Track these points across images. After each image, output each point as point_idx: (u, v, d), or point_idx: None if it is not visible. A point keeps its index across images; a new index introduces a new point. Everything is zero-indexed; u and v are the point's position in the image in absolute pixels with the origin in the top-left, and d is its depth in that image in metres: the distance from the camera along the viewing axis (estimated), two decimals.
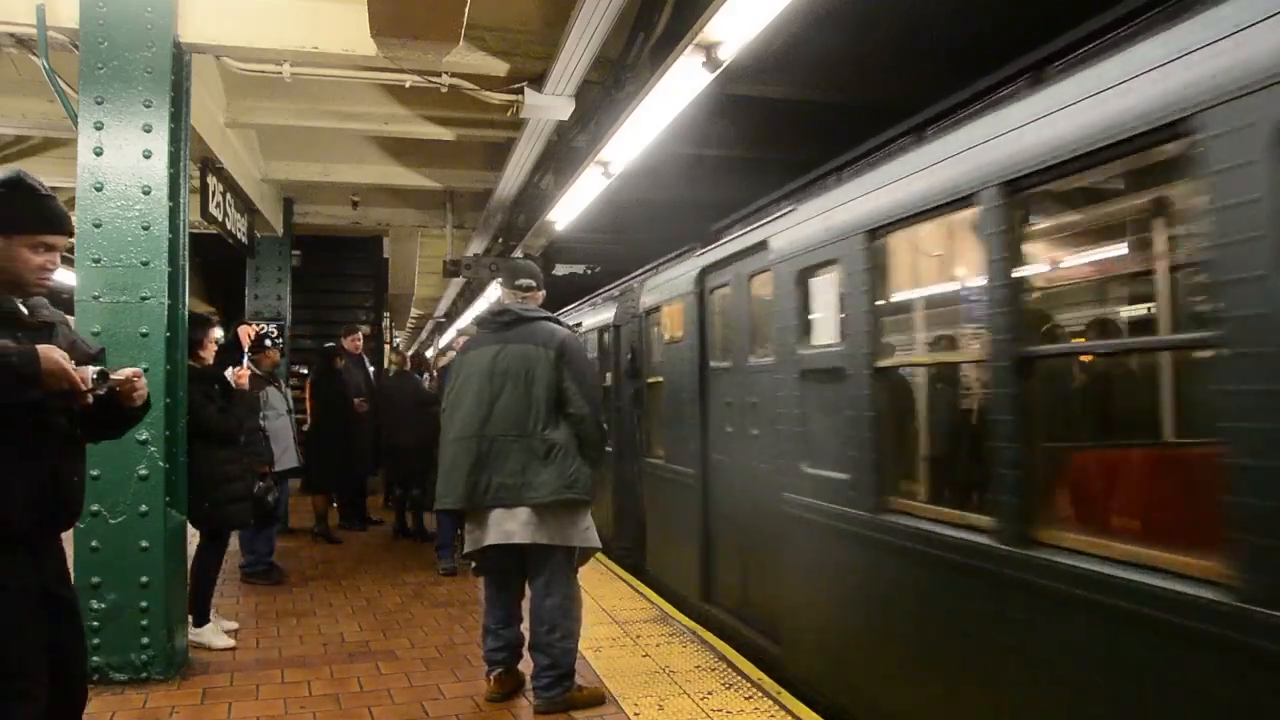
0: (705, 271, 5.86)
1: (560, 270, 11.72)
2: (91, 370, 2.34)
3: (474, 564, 4.30)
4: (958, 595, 3.11)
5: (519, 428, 3.94)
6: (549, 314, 4.29)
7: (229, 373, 5.17)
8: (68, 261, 3.71)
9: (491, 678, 4.18)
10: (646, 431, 7.04)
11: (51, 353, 2.25)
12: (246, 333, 6.47)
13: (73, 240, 3.00)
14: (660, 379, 6.64)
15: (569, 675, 4.02)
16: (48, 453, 2.41)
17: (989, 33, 6.06)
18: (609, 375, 8.02)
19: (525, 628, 4.20)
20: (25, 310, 2.44)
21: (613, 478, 7.55)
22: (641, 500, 7.11)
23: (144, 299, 4.35)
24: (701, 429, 5.70)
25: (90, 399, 2.37)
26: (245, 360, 5.64)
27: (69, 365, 2.26)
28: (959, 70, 6.40)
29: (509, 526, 3.93)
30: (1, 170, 2.53)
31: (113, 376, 2.42)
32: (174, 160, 4.49)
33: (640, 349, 7.18)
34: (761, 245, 4.87)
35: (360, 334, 9.21)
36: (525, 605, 4.19)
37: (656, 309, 6.80)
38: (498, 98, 5.83)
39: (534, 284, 4.34)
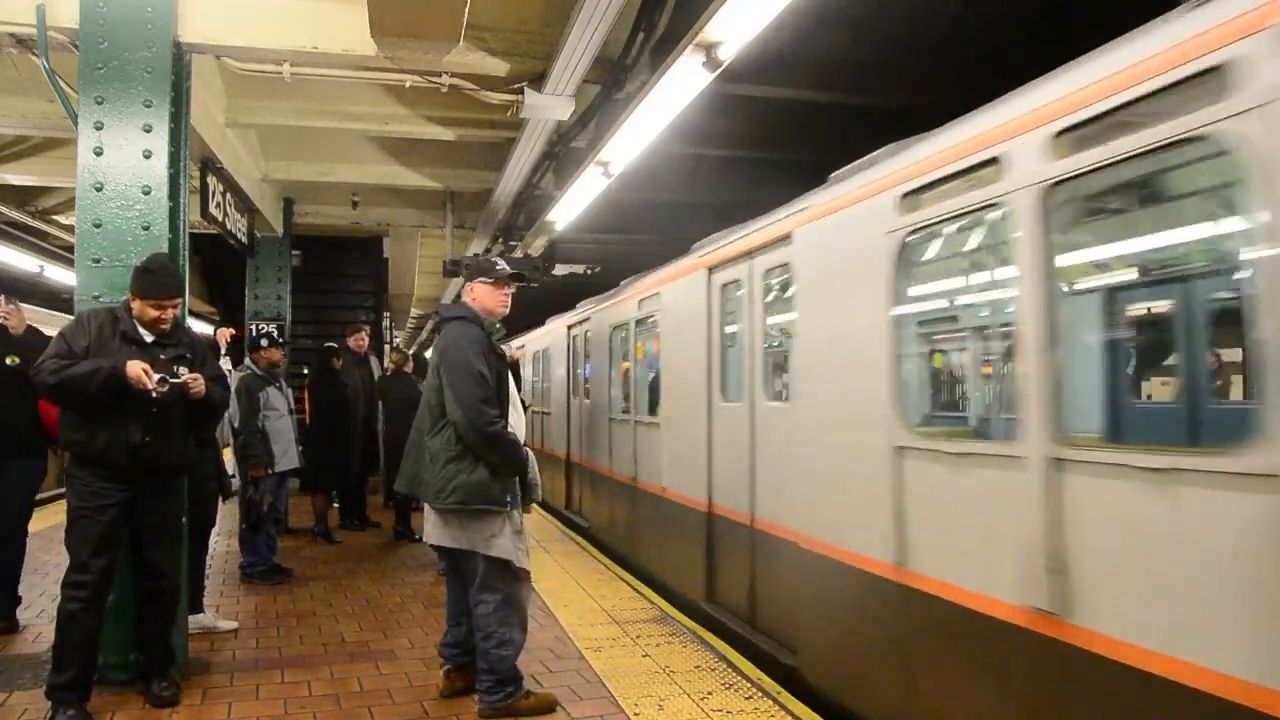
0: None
1: (560, 270, 11.72)
2: (156, 376, 3.78)
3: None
4: None
5: (420, 430, 4.08)
6: (465, 313, 4.10)
7: None
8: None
9: (442, 673, 4.26)
10: None
11: (134, 366, 3.75)
12: (224, 335, 6.48)
13: (179, 298, 4.14)
14: None
15: (510, 681, 3.99)
16: (125, 422, 3.85)
17: (989, 34, 6.07)
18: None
19: None
20: (149, 338, 4.00)
21: None
22: None
23: None
24: None
25: (155, 394, 3.77)
26: (222, 362, 5.65)
27: (142, 374, 3.74)
28: (958, 71, 6.43)
29: (427, 525, 4.09)
30: (144, 252, 4.22)
31: (171, 380, 3.84)
32: (174, 160, 4.49)
33: None
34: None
35: (365, 333, 9.19)
36: None
37: None
38: (498, 98, 5.83)
39: (465, 280, 4.31)
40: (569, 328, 10.63)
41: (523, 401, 4.53)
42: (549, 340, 12.06)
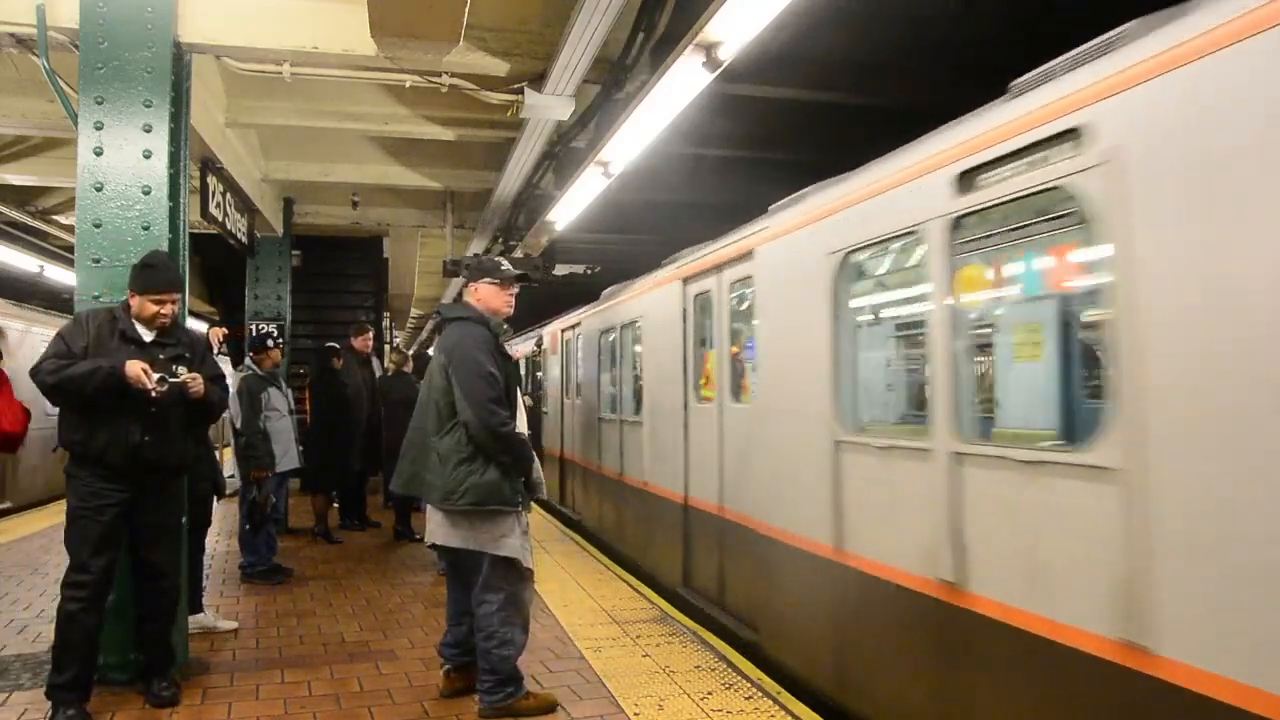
0: None
1: (560, 270, 11.72)
2: (155, 375, 3.77)
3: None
4: None
5: (421, 431, 4.08)
6: (470, 313, 4.11)
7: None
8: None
9: (442, 673, 4.26)
10: None
11: (133, 365, 3.75)
12: (216, 335, 6.51)
13: (179, 293, 4.12)
14: None
15: (510, 681, 3.99)
16: (124, 421, 3.84)
17: (989, 34, 6.07)
18: None
19: None
20: (148, 337, 3.99)
21: None
22: None
23: None
24: None
25: (154, 394, 3.77)
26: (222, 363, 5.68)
27: (141, 374, 3.73)
28: (958, 71, 6.43)
29: (431, 526, 4.07)
30: (144, 252, 4.17)
31: (170, 380, 3.84)
32: (174, 160, 4.49)
33: None
34: None
35: (370, 334, 9.19)
36: None
37: None
38: (498, 98, 5.83)
39: (467, 280, 4.31)
40: (685, 281, 6.62)
41: (524, 403, 4.56)
42: (638, 311, 7.88)
